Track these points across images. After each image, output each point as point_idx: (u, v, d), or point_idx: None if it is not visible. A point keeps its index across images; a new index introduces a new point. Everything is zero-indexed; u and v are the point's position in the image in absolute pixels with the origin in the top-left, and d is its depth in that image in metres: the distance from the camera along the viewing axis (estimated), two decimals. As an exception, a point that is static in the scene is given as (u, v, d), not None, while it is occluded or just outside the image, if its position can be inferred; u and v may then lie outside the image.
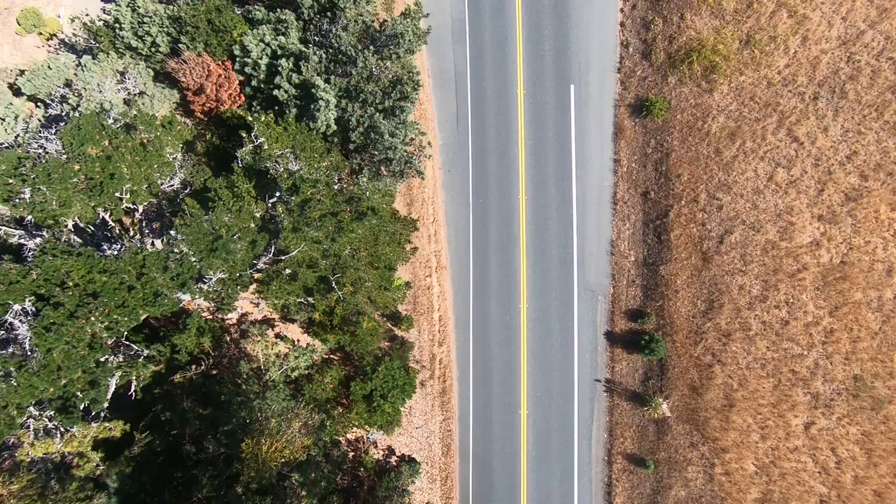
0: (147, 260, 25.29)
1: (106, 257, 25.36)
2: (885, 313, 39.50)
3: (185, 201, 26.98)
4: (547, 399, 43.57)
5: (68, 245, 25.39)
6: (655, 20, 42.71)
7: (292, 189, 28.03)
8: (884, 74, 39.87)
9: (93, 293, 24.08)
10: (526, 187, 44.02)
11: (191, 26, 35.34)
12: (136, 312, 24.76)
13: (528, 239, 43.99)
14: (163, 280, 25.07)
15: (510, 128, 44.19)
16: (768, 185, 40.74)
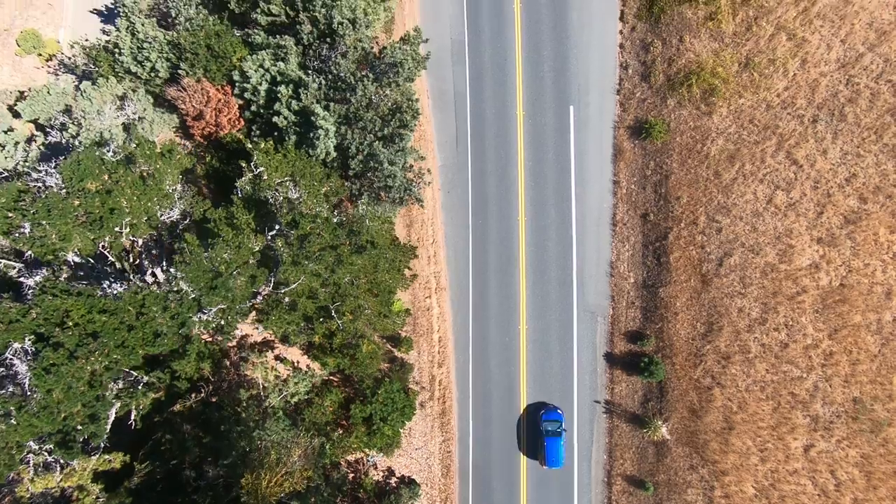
0: (147, 300, 25.31)
1: (106, 297, 25.39)
2: (884, 336, 39.54)
3: (185, 237, 26.98)
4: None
5: (68, 284, 25.40)
6: (654, 42, 42.74)
7: (292, 224, 28.05)
8: (883, 97, 39.93)
9: (92, 333, 24.08)
10: (525, 208, 44.04)
11: (190, 53, 35.35)
12: (135, 352, 24.75)
13: (528, 260, 44.00)
14: (162, 319, 25.06)
15: (510, 149, 44.21)
16: (767, 208, 40.78)
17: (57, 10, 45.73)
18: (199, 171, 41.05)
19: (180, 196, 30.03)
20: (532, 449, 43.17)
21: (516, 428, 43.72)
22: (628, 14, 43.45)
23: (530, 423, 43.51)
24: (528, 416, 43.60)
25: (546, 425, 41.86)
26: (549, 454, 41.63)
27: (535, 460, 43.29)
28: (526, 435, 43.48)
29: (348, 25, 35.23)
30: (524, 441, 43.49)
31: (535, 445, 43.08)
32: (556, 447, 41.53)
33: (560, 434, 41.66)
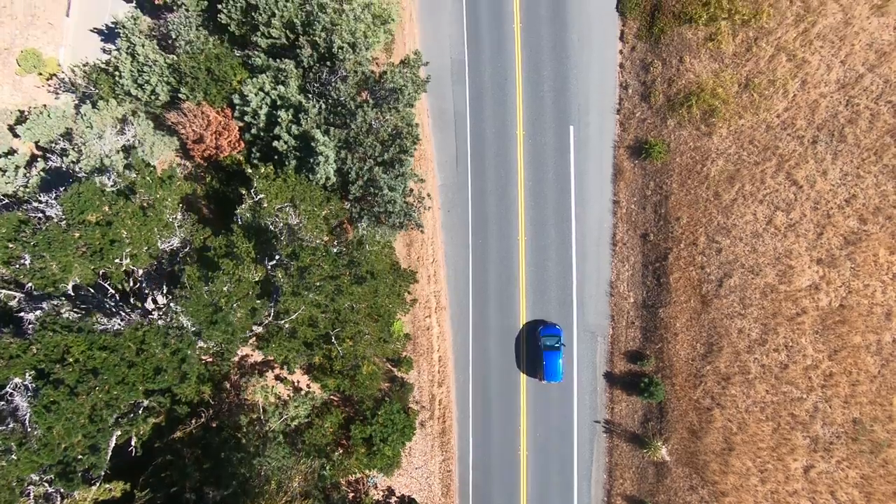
0: (147, 336, 25.36)
1: (106, 333, 25.44)
2: (884, 357, 39.54)
3: (185, 270, 27.04)
4: (546, 439, 43.60)
5: (68, 319, 25.47)
6: (654, 63, 42.76)
7: (292, 255, 28.09)
8: (883, 118, 39.93)
9: (93, 369, 24.14)
10: (525, 228, 44.08)
11: (190, 77, 35.39)
12: (136, 389, 24.80)
13: (528, 279, 44.04)
14: (163, 355, 25.12)
15: (510, 168, 44.25)
16: (767, 229, 40.79)
17: (57, 30, 45.79)
18: (199, 192, 41.11)
19: (180, 224, 30.06)
20: (532, 481, 43.30)
21: (517, 447, 43.75)
22: (628, 34, 43.48)
23: (531, 442, 43.55)
24: (529, 434, 43.63)
25: (545, 340, 42.33)
26: (547, 368, 42.00)
27: (537, 484, 43.38)
28: (526, 456, 43.52)
29: (348, 49, 35.27)
30: (524, 461, 43.52)
31: (535, 473, 43.17)
32: (554, 360, 41.89)
33: (559, 349, 42.00)
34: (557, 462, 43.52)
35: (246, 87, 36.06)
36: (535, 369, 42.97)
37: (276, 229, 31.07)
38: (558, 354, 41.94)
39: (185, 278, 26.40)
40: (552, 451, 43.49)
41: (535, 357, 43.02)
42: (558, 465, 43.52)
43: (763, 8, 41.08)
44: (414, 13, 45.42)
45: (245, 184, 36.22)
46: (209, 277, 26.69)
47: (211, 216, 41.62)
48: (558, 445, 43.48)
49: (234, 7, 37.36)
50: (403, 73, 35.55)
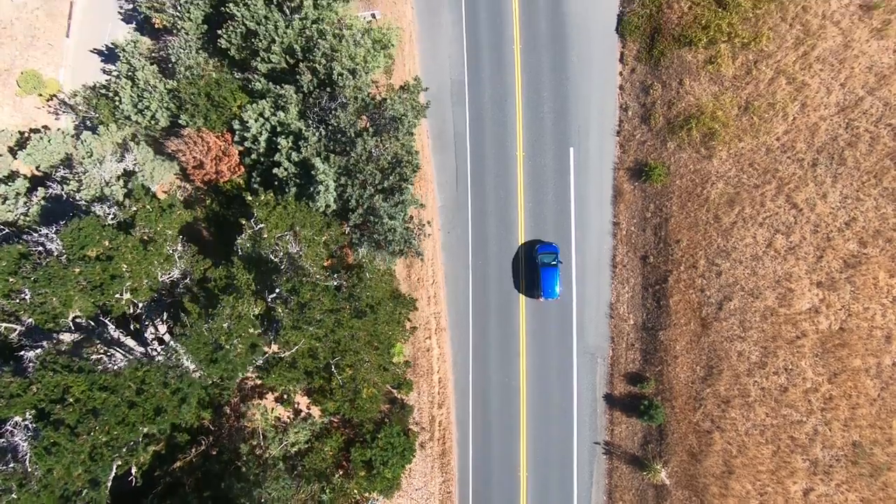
0: (147, 376, 25.38)
1: (106, 373, 25.45)
2: (883, 380, 39.55)
3: (185, 305, 27.05)
4: (546, 460, 43.62)
5: (69, 358, 25.48)
6: (654, 85, 42.77)
7: (292, 291, 28.13)
8: (882, 141, 39.95)
9: (93, 409, 24.14)
10: (525, 248, 44.07)
11: (190, 104, 35.40)
12: (136, 429, 24.82)
13: (528, 302, 44.03)
14: (163, 394, 25.14)
15: (509, 190, 44.26)
16: (767, 252, 40.80)
17: (57, 51, 45.84)
18: (200, 214, 41.13)
19: (181, 255, 30.07)
20: (532, 503, 43.31)
21: (516, 469, 43.76)
22: (628, 56, 43.51)
23: (530, 463, 43.57)
24: (529, 455, 43.64)
25: (542, 257, 42.58)
26: (544, 284, 42.22)
27: (535, 500, 43.39)
28: (526, 478, 43.54)
29: (348, 76, 35.29)
30: (524, 483, 43.53)
31: (535, 494, 43.19)
32: (551, 276, 42.09)
33: (556, 266, 42.24)
34: (557, 483, 43.53)
35: (246, 112, 36.06)
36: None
37: (276, 259, 31.08)
38: (555, 271, 42.24)
39: (186, 316, 26.40)
40: (552, 473, 43.51)
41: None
42: (558, 487, 43.54)
43: (762, 31, 41.12)
44: (414, 34, 45.43)
45: (245, 207, 36.22)
46: (210, 314, 26.70)
47: (211, 238, 41.64)
48: (558, 467, 43.49)
49: (234, 32, 37.37)
50: (403, 98, 35.56)
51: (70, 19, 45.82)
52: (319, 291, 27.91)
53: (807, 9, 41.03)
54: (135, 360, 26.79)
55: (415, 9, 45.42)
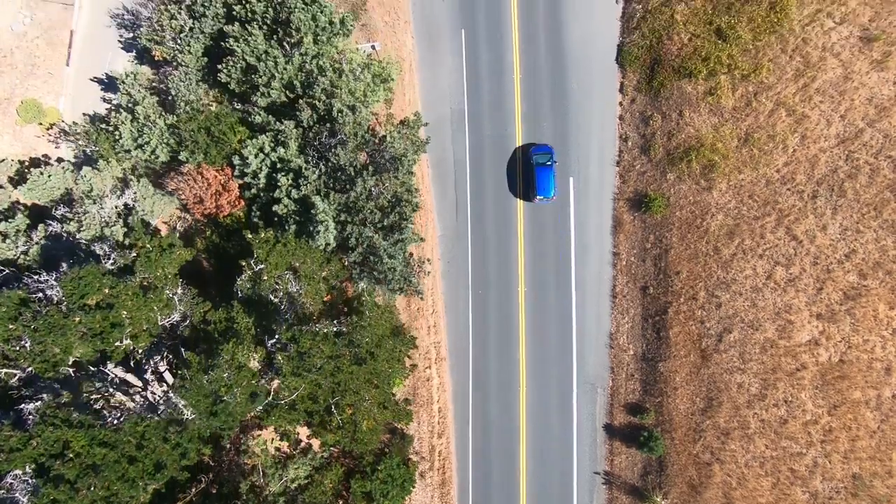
0: (147, 431, 25.40)
1: (106, 427, 25.48)
2: (883, 412, 39.56)
3: (186, 356, 27.07)
4: (546, 490, 43.63)
5: (68, 411, 25.52)
6: (654, 116, 42.77)
7: (292, 339, 28.17)
8: (882, 173, 39.95)
9: (93, 465, 24.17)
10: (525, 278, 44.12)
11: (190, 140, 35.43)
12: (137, 485, 24.86)
13: (528, 329, 44.07)
14: (163, 449, 25.17)
15: (509, 219, 44.28)
16: (767, 284, 40.81)
17: (57, 79, 45.82)
18: (200, 246, 41.14)
19: (180, 298, 30.12)
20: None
21: (516, 499, 43.77)
22: (628, 86, 43.51)
23: (530, 493, 43.60)
24: (528, 486, 43.68)
25: (537, 158, 42.82)
26: (539, 183, 42.41)
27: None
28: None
29: (348, 113, 35.31)
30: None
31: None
32: (546, 176, 42.21)
33: (550, 165, 42.38)
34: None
35: (246, 148, 36.08)
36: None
37: (276, 299, 31.10)
38: (550, 170, 42.39)
39: (185, 369, 26.42)
40: (551, 502, 43.51)
41: (536, 406, 43.09)
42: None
43: (763, 63, 41.13)
44: (414, 63, 45.45)
45: (246, 240, 36.15)
46: (210, 365, 26.72)
47: (211, 269, 41.66)
48: (558, 496, 43.51)
49: (234, 67, 37.39)
50: (403, 133, 35.57)
51: (70, 48, 45.80)
52: (319, 340, 27.95)
53: (807, 41, 41.04)
54: (135, 414, 26.81)
55: (415, 38, 45.45)
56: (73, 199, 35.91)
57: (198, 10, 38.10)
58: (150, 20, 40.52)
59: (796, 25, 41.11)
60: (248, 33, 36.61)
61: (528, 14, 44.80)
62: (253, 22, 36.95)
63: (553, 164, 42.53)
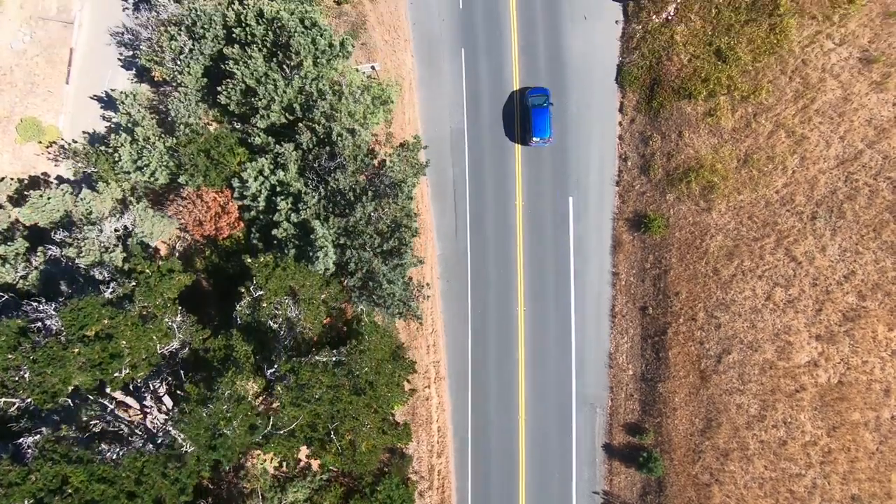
0: (146, 466, 25.40)
1: (105, 462, 25.48)
2: (882, 434, 39.59)
3: (186, 388, 27.08)
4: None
5: (67, 446, 25.50)
6: (654, 136, 42.79)
7: (291, 371, 28.17)
8: (882, 194, 39.99)
9: (91, 500, 24.18)
10: (524, 298, 44.11)
11: (190, 164, 35.43)
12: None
13: (527, 349, 44.07)
14: (162, 484, 25.18)
15: (509, 238, 44.29)
16: (766, 305, 40.82)
17: (57, 97, 45.81)
18: (199, 265, 41.11)
19: (179, 326, 30.13)
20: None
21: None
22: (627, 106, 43.54)
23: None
24: (527, 501, 43.76)
25: (533, 100, 42.94)
26: (535, 123, 42.47)
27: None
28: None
29: (347, 136, 35.32)
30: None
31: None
32: (542, 116, 42.33)
33: (546, 106, 42.49)
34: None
35: (245, 171, 36.07)
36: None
37: (276, 325, 31.10)
38: (546, 111, 42.51)
39: (184, 396, 26.41)
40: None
41: (535, 425, 43.07)
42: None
43: (762, 84, 41.17)
44: (413, 82, 45.47)
45: (245, 260, 36.09)
46: (208, 398, 26.70)
47: (210, 289, 41.63)
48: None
49: (233, 89, 37.39)
50: (403, 155, 35.59)
51: (70, 66, 45.80)
52: (319, 372, 27.95)
53: (806, 62, 41.09)
54: (134, 448, 26.81)
55: (415, 57, 45.48)
56: (73, 222, 35.89)
57: (198, 32, 38.08)
58: (149, 41, 40.51)
59: (796, 47, 41.17)
60: (247, 56, 36.61)
61: (528, 33, 44.84)
62: (253, 45, 36.94)
63: (549, 105, 42.54)
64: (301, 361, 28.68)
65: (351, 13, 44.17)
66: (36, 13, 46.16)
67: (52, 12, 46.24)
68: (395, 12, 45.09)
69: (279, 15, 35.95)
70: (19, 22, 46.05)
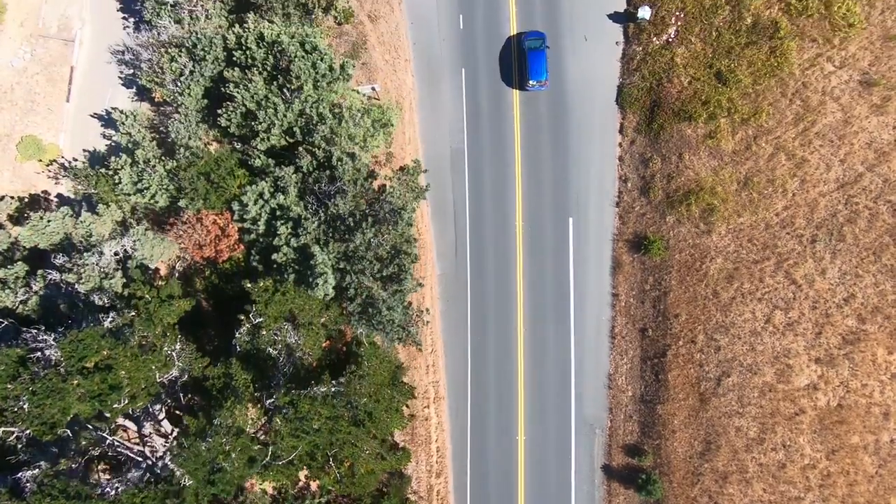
0: (145, 502, 25.40)
1: (103, 498, 25.51)
2: (881, 457, 39.60)
3: (185, 420, 27.09)
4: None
5: (66, 482, 25.51)
6: (654, 158, 42.79)
7: (290, 404, 28.17)
8: (881, 217, 40.00)
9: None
10: (524, 318, 44.12)
11: (190, 188, 35.45)
12: (133, 557, 24.95)
13: (526, 369, 44.07)
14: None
15: (509, 258, 44.29)
16: (766, 328, 40.81)
17: (57, 115, 45.82)
18: (199, 286, 41.12)
19: (179, 354, 30.15)
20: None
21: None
22: (628, 127, 43.53)
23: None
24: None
25: (528, 43, 43.10)
26: (531, 67, 42.53)
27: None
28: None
29: (347, 160, 35.34)
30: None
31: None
32: (538, 58, 42.44)
33: (542, 49, 42.63)
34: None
35: (245, 195, 36.08)
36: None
37: (275, 352, 31.11)
38: (542, 54, 42.65)
39: (183, 434, 26.42)
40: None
41: (535, 446, 43.02)
42: (556, 557, 43.56)
43: (763, 107, 41.17)
44: (414, 102, 45.48)
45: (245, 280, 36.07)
46: (207, 432, 26.68)
47: (210, 309, 41.62)
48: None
49: (234, 112, 37.42)
50: (403, 179, 35.61)
51: (70, 84, 45.81)
52: (318, 405, 27.99)
53: (807, 85, 41.09)
54: (132, 483, 26.83)
55: (415, 77, 45.48)
56: (73, 244, 35.91)
57: (198, 54, 38.10)
58: (150, 61, 40.52)
59: (796, 69, 41.17)
60: (247, 79, 36.63)
61: (529, 53, 44.80)
62: (253, 68, 36.97)
63: (545, 48, 42.71)
64: (300, 394, 28.69)
65: (351, 33, 44.18)
66: (37, 31, 46.17)
67: (52, 30, 46.26)
68: (396, 32, 45.11)
69: (279, 39, 35.98)
70: (20, 40, 46.06)
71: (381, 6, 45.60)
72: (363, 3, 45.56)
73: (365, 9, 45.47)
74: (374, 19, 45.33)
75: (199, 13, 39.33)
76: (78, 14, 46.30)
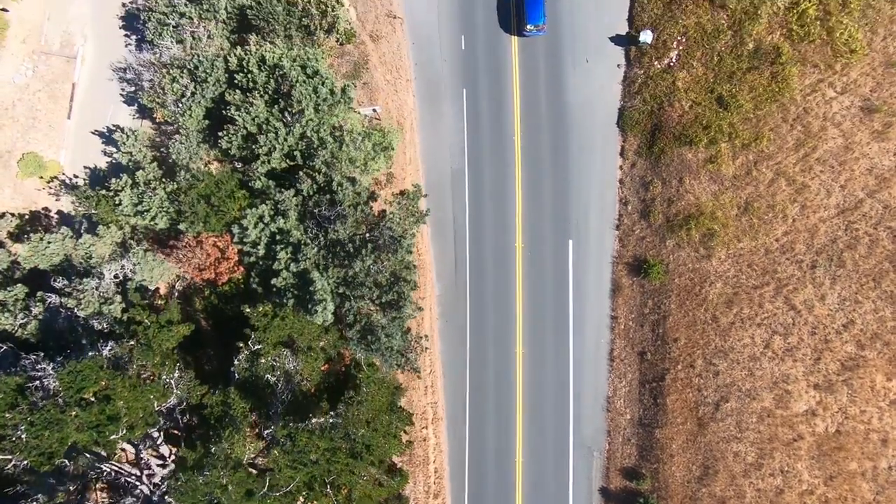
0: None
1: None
2: (879, 484, 39.56)
3: (182, 452, 27.12)
4: (541, 551, 43.64)
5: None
6: (654, 181, 42.78)
7: (289, 437, 28.20)
8: (882, 244, 39.97)
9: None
10: (523, 339, 44.12)
11: (190, 212, 35.48)
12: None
13: (525, 391, 44.07)
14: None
15: (508, 280, 44.30)
16: (765, 353, 40.79)
17: (58, 132, 45.89)
18: (198, 306, 41.16)
19: (177, 382, 30.18)
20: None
21: (511, 561, 43.85)
22: (628, 150, 43.53)
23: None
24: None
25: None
26: (529, 11, 42.02)
27: None
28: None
29: (347, 185, 35.36)
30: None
31: None
32: (535, 2, 41.80)
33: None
34: (552, 576, 43.56)
35: (245, 218, 36.10)
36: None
37: (273, 379, 31.13)
38: None
39: (181, 467, 26.44)
40: (547, 565, 43.55)
41: (532, 469, 42.99)
42: (553, 579, 43.56)
43: (764, 132, 41.16)
44: (415, 122, 45.49)
45: (244, 302, 36.09)
46: (204, 463, 26.70)
47: (209, 329, 41.64)
48: (553, 559, 43.52)
49: (235, 135, 37.45)
50: (403, 204, 35.63)
51: (72, 101, 45.87)
52: (316, 438, 28.01)
53: (808, 110, 41.07)
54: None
55: (416, 97, 45.49)
56: (73, 265, 35.95)
57: (200, 76, 38.13)
58: (151, 82, 40.56)
59: (798, 95, 41.16)
60: (249, 102, 36.66)
61: (530, 74, 44.84)
62: (254, 91, 36.99)
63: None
64: (298, 427, 28.71)
65: (353, 53, 44.20)
66: (39, 48, 46.24)
67: (55, 47, 46.31)
68: (398, 52, 45.13)
69: (281, 62, 35.99)
70: (22, 56, 46.13)
71: (383, 26, 45.63)
72: (365, 22, 45.59)
73: (367, 28, 45.50)
74: (375, 39, 45.36)
75: (200, 34, 39.35)
76: (80, 31, 46.37)
